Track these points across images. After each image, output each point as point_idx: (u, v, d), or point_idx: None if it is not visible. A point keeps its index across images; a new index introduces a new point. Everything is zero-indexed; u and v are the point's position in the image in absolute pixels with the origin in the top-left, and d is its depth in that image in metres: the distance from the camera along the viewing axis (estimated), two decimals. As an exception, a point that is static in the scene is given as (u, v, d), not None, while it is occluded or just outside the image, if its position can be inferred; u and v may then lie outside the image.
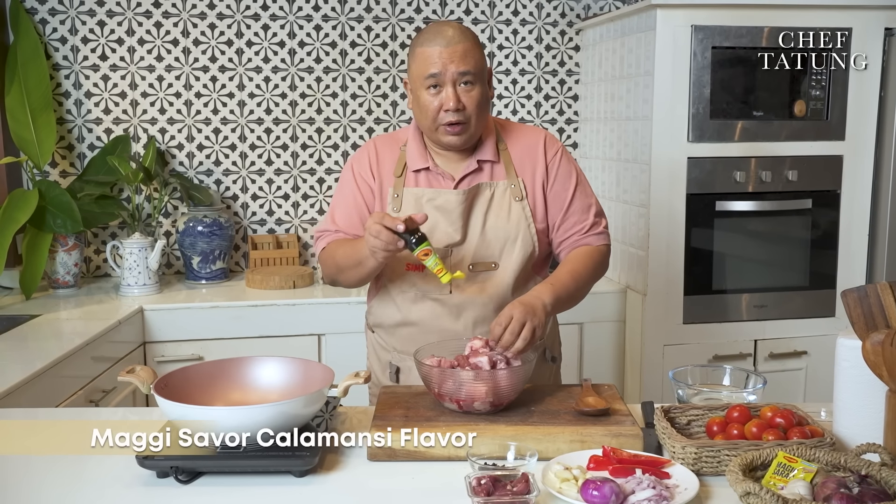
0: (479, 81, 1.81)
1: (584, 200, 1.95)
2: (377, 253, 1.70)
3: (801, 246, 3.18)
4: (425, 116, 1.83)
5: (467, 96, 1.80)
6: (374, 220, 1.67)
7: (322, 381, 1.56)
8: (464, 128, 1.82)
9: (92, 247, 3.37)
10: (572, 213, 1.93)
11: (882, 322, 1.43)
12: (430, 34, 1.81)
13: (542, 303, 1.73)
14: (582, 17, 3.57)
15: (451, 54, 1.77)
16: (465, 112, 1.80)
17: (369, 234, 1.68)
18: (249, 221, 3.47)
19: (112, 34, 3.28)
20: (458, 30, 1.81)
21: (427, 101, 1.81)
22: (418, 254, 1.67)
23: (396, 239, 1.66)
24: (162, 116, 3.35)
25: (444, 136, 1.84)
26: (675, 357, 3.06)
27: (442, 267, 1.69)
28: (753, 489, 1.21)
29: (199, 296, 3.08)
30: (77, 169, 3.32)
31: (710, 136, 3.00)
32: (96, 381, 2.46)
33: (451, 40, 1.78)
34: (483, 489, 1.28)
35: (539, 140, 1.94)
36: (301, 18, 3.39)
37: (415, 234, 1.67)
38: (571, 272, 1.86)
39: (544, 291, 1.77)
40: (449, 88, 1.78)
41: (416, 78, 1.82)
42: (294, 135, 3.45)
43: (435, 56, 1.77)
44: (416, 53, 1.82)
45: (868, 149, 3.14)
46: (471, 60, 1.79)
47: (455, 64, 1.77)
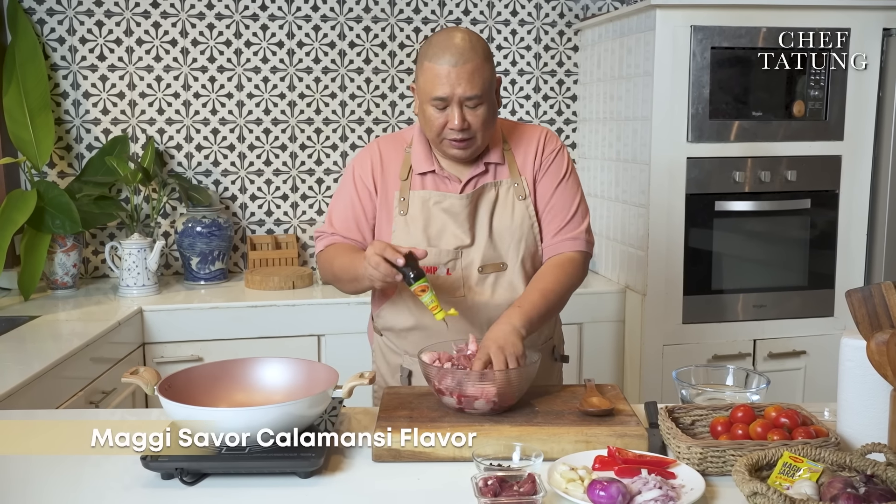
0: (486, 100, 1.78)
1: (567, 199, 1.92)
2: (375, 282, 1.71)
3: (799, 246, 3.19)
4: (430, 129, 1.82)
5: (473, 115, 1.78)
6: (376, 250, 1.66)
7: (326, 382, 1.56)
8: (469, 143, 1.81)
9: (90, 247, 3.36)
10: (550, 209, 1.91)
11: (887, 322, 1.43)
12: (440, 48, 1.76)
13: (513, 328, 1.68)
14: (580, 17, 3.57)
15: (459, 76, 1.73)
16: (470, 130, 1.79)
17: (368, 264, 1.67)
18: (248, 222, 3.47)
19: (110, 34, 3.27)
20: (468, 43, 1.76)
21: (433, 115, 1.79)
22: (415, 289, 1.68)
23: (394, 272, 1.66)
24: (160, 117, 3.34)
25: (449, 149, 1.83)
26: (674, 357, 3.07)
27: (437, 304, 1.69)
28: (760, 489, 1.21)
29: (198, 296, 3.07)
30: (75, 169, 3.31)
31: (710, 136, 3.00)
32: (96, 382, 2.46)
33: (459, 58, 1.73)
34: (490, 490, 1.28)
35: (539, 138, 1.94)
36: (300, 19, 3.39)
37: (413, 268, 1.67)
38: (541, 290, 1.81)
39: (514, 316, 1.72)
40: (455, 109, 1.76)
41: (422, 92, 1.80)
42: (293, 135, 3.45)
43: (443, 77, 1.74)
44: (425, 68, 1.78)
45: (866, 149, 3.14)
46: (478, 82, 1.75)
47: (462, 88, 1.73)
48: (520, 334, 1.67)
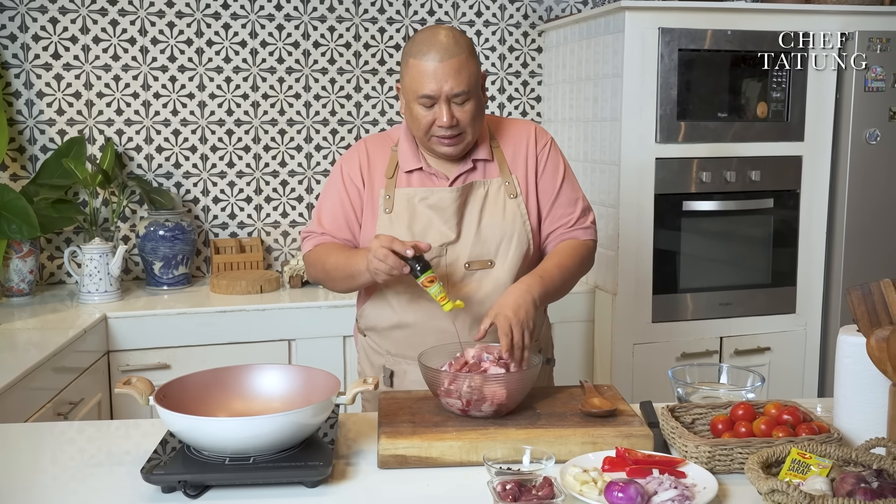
0: (473, 95, 1.77)
1: (572, 194, 1.94)
2: (379, 275, 1.68)
3: (763, 244, 3.25)
4: (418, 128, 1.80)
5: (461, 112, 1.77)
6: (382, 243, 1.65)
7: (326, 388, 1.52)
8: (458, 139, 1.80)
9: (45, 253, 3.24)
10: (559, 206, 1.92)
11: (885, 318, 1.46)
12: (424, 45, 1.74)
13: (531, 297, 1.70)
14: (544, 19, 3.59)
15: (446, 72, 1.72)
16: (458, 126, 1.78)
17: (374, 257, 1.65)
18: (211, 225, 3.39)
19: (65, 32, 3.16)
20: (452, 39, 1.75)
21: (420, 114, 1.78)
22: (423, 281, 1.68)
23: (403, 264, 1.65)
24: (119, 118, 3.24)
25: (438, 147, 1.82)
26: (644, 356, 3.10)
27: (445, 295, 1.69)
28: (780, 487, 1.22)
29: (162, 302, 2.99)
30: (29, 172, 3.19)
31: (677, 136, 3.04)
32: (63, 393, 2.36)
33: (444, 54, 1.72)
34: (509, 494, 1.26)
35: (529, 133, 1.94)
36: (263, 18, 3.32)
37: (419, 261, 1.66)
38: (559, 265, 1.83)
39: (534, 284, 1.74)
40: (443, 106, 1.75)
41: (408, 91, 1.78)
42: (256, 136, 3.38)
43: (429, 74, 1.72)
44: (410, 65, 1.76)
45: (825, 149, 3.23)
46: (464, 77, 1.74)
47: (449, 84, 1.72)
48: (536, 304, 1.69)
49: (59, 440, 1.66)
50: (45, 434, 1.69)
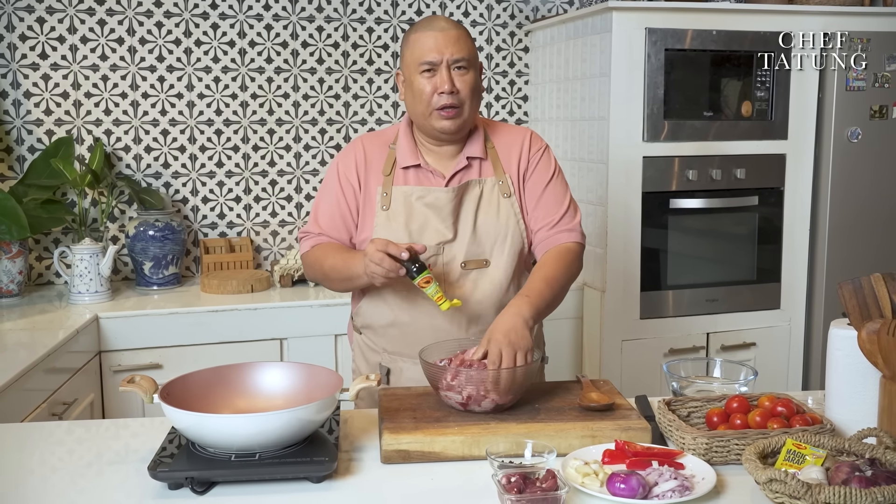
0: (472, 68, 1.85)
1: (558, 195, 1.95)
2: (376, 279, 1.70)
3: (748, 241, 3.30)
4: (419, 101, 1.83)
5: (461, 80, 1.82)
6: (378, 247, 1.67)
7: (329, 385, 1.54)
8: (458, 112, 1.83)
9: (34, 253, 3.23)
10: (542, 205, 1.92)
11: (876, 312, 1.50)
12: (424, 23, 1.86)
13: (522, 319, 1.69)
14: (531, 19, 3.62)
15: (446, 40, 1.81)
16: (458, 96, 1.82)
17: (370, 261, 1.67)
18: (200, 225, 3.39)
19: (52, 31, 3.15)
20: (450, 21, 1.87)
21: (421, 85, 1.82)
22: (419, 282, 1.69)
23: (399, 267, 1.67)
24: (107, 118, 3.24)
25: (437, 121, 1.84)
26: (632, 352, 3.14)
27: (441, 295, 1.71)
28: (778, 476, 1.25)
29: (153, 302, 2.99)
30: (17, 172, 3.17)
31: (664, 135, 3.08)
32: (57, 393, 2.36)
33: (445, 26, 1.83)
34: (514, 486, 1.28)
35: (524, 137, 1.96)
36: (251, 18, 3.32)
37: (415, 262, 1.68)
38: (545, 278, 1.82)
39: (522, 305, 1.72)
40: (444, 72, 1.81)
41: (410, 64, 1.84)
42: (245, 136, 3.38)
43: (430, 41, 1.81)
44: (411, 41, 1.85)
45: (808, 147, 3.28)
46: (464, 47, 1.83)
47: (450, 50, 1.81)
48: (528, 325, 1.68)
49: (65, 439, 1.67)
50: (47, 433, 1.69)
